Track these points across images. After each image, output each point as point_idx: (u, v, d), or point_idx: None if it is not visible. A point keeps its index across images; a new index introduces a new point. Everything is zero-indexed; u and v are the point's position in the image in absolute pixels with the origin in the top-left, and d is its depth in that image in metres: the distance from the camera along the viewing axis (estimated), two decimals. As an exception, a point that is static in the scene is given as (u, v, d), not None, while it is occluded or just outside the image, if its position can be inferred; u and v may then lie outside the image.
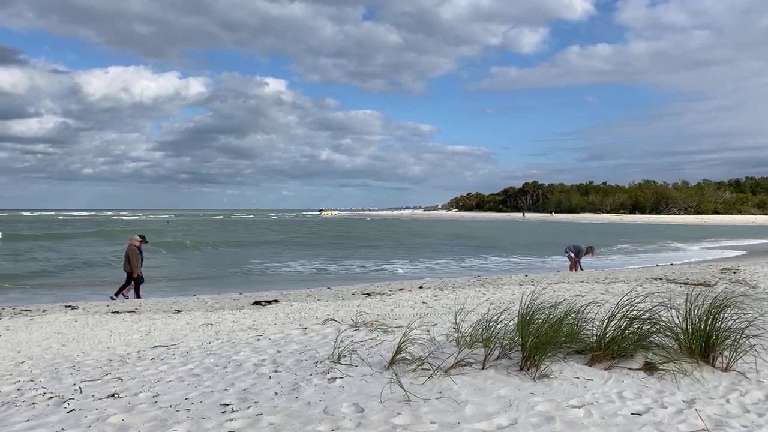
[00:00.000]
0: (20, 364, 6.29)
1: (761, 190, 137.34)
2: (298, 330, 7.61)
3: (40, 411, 4.34)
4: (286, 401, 4.33)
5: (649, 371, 4.86)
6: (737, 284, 11.70)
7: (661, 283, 12.43)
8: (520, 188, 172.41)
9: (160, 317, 9.88)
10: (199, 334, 7.89)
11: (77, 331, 8.58)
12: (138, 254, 15.19)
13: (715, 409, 4.15)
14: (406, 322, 7.76)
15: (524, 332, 5.03)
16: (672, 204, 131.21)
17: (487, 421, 3.87)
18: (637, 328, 5.16)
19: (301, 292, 14.07)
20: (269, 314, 9.81)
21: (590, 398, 4.32)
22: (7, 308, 11.76)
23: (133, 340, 7.66)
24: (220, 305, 11.63)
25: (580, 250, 19.17)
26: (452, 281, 15.82)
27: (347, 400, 4.30)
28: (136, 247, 15.28)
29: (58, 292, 16.69)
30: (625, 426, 3.81)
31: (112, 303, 13.02)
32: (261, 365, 5.54)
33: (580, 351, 5.25)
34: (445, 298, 11.45)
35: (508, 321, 5.47)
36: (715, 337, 5.09)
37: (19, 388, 5.12)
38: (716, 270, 15.55)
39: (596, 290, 11.54)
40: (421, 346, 5.65)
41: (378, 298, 11.79)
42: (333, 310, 10.06)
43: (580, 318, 5.49)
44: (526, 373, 4.85)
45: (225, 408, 4.23)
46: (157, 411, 4.22)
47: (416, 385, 4.59)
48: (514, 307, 5.87)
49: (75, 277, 20.95)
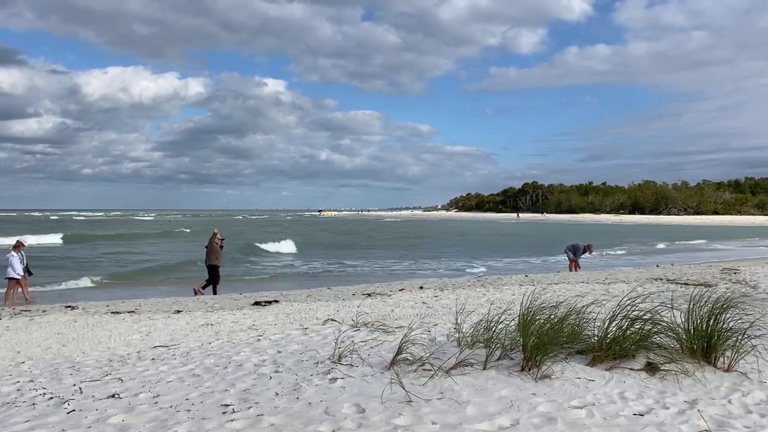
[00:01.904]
0: (20, 364, 6.27)
1: (761, 190, 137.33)
2: (298, 330, 7.59)
3: (40, 411, 4.33)
4: (286, 402, 4.32)
5: (651, 372, 4.85)
6: (738, 285, 11.69)
7: (661, 283, 12.42)
8: (519, 189, 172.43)
9: (160, 317, 9.87)
10: (200, 334, 7.88)
11: (77, 332, 8.56)
12: (220, 245, 15.56)
13: (717, 409, 4.14)
14: (406, 322, 7.75)
15: (525, 332, 5.02)
16: (671, 204, 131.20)
17: (488, 422, 3.86)
18: (638, 329, 5.15)
19: (301, 293, 14.06)
20: (269, 314, 9.80)
21: (592, 399, 4.31)
22: (7, 308, 11.75)
23: (133, 340, 7.65)
24: (221, 305, 11.61)
25: (577, 249, 19.61)
26: (452, 281, 15.81)
27: (348, 401, 4.29)
28: (216, 239, 15.61)
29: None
30: (627, 426, 3.80)
31: (112, 303, 13.00)
32: (261, 365, 5.53)
33: (582, 351, 5.24)
34: (445, 298, 11.44)
35: (509, 321, 5.46)
36: (717, 338, 5.08)
37: (19, 388, 5.11)
38: (716, 270, 15.54)
39: (597, 290, 11.53)
40: (422, 346, 5.64)
41: (378, 299, 11.78)
42: (333, 310, 10.04)
43: (581, 318, 5.47)
44: (527, 373, 4.84)
45: (226, 408, 4.22)
46: (157, 411, 4.21)
47: (417, 385, 4.58)
48: (514, 307, 5.86)
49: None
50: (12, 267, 14.24)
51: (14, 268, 14.23)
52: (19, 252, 14.62)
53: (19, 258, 14.41)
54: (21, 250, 14.75)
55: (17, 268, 14.24)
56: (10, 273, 14.22)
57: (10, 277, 14.19)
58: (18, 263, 14.31)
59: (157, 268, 23.14)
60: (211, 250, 15.29)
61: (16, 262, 14.32)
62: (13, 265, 14.25)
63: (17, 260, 14.35)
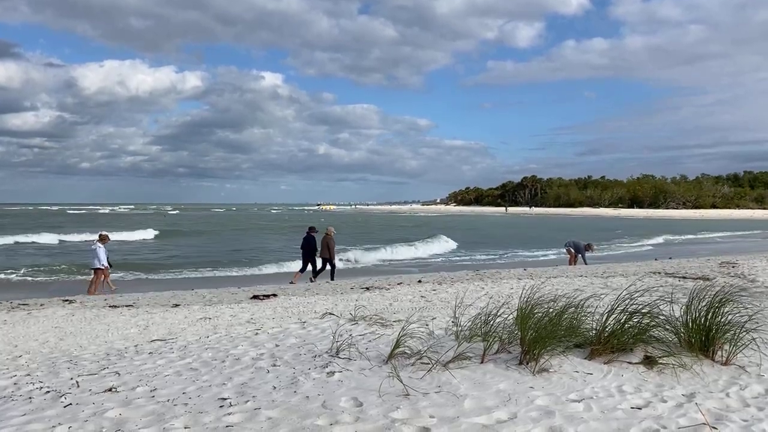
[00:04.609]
0: (17, 358, 6.26)
1: (759, 184, 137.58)
2: (296, 324, 7.59)
3: (37, 405, 4.31)
4: (284, 395, 4.31)
5: (649, 365, 4.84)
6: (736, 278, 11.69)
7: (659, 277, 12.42)
8: (518, 182, 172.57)
9: (158, 311, 9.86)
10: (197, 328, 7.87)
11: (75, 326, 8.55)
12: (335, 243, 17.47)
13: (715, 402, 4.13)
14: (404, 316, 7.74)
15: (523, 326, 5.01)
16: (670, 198, 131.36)
17: (486, 415, 3.85)
18: (636, 322, 5.14)
19: (299, 286, 14.05)
20: (267, 308, 9.79)
21: (590, 392, 4.31)
22: (5, 302, 11.73)
23: (130, 334, 7.64)
24: (219, 299, 11.61)
25: (579, 247, 19.99)
26: (450, 275, 15.81)
27: (346, 394, 4.28)
28: (331, 237, 17.24)
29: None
30: (624, 420, 3.79)
31: (111, 296, 13.00)
32: (259, 359, 5.52)
33: (580, 345, 5.23)
34: (443, 292, 11.43)
35: (507, 315, 5.45)
36: (715, 331, 5.07)
37: (16, 382, 5.10)
38: (715, 264, 15.54)
39: (595, 284, 11.53)
40: (420, 340, 5.63)
41: (376, 292, 11.77)
42: (331, 304, 10.03)
43: (580, 312, 5.47)
44: (525, 367, 4.83)
45: (223, 402, 4.21)
46: (154, 405, 4.20)
47: (415, 379, 4.57)
48: (513, 301, 5.85)
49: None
50: (98, 258, 15.10)
51: (100, 259, 15.10)
52: (104, 244, 15.47)
53: (104, 250, 15.27)
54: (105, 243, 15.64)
55: (102, 259, 15.10)
56: (95, 264, 15.12)
57: (97, 267, 15.11)
58: (103, 254, 15.18)
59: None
60: (324, 246, 17.12)
61: (102, 253, 15.17)
62: (99, 256, 15.11)
63: (103, 252, 15.21)
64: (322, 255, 17.15)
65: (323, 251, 17.14)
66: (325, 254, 17.09)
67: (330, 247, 17.11)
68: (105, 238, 15.84)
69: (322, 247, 17.20)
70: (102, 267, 15.12)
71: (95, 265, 15.12)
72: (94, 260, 15.15)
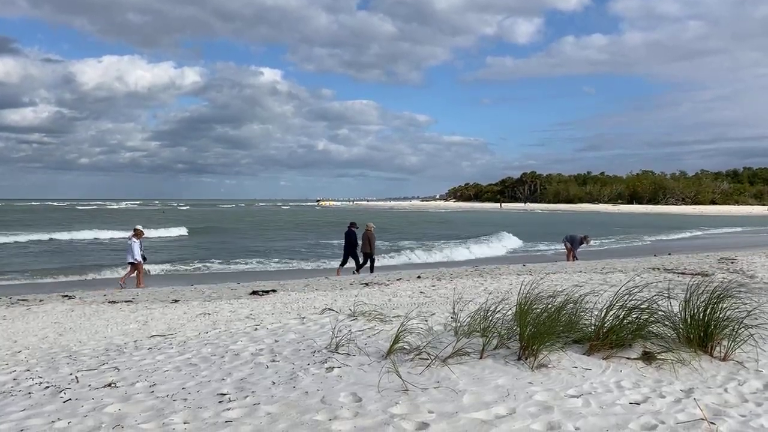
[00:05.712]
0: (17, 353, 6.27)
1: (759, 180, 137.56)
2: (295, 320, 7.59)
3: (36, 401, 4.32)
4: (283, 391, 4.32)
5: (648, 361, 4.85)
6: (735, 274, 11.71)
7: (658, 273, 12.43)
8: (518, 178, 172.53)
9: (158, 307, 9.86)
10: (197, 323, 7.87)
11: (74, 321, 8.55)
12: (375, 237, 18.18)
13: (714, 398, 4.15)
14: (404, 311, 7.74)
15: (522, 322, 5.02)
16: (669, 194, 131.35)
17: (485, 411, 3.86)
18: (635, 318, 5.15)
19: (299, 282, 14.06)
20: (267, 304, 9.79)
21: (588, 387, 4.31)
22: (4, 298, 11.73)
23: (130, 329, 7.64)
24: (218, 295, 11.61)
25: (575, 240, 20.30)
26: (450, 271, 15.82)
27: (345, 390, 4.28)
28: (371, 232, 17.97)
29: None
30: (623, 415, 3.80)
31: (109, 293, 13.00)
32: (258, 355, 5.53)
33: (579, 340, 5.24)
34: (443, 288, 11.44)
35: (506, 311, 5.45)
36: (714, 327, 5.08)
37: (15, 377, 5.10)
38: (713, 260, 15.55)
39: (594, 280, 11.54)
40: (419, 335, 5.64)
41: (376, 288, 11.78)
42: (331, 299, 10.04)
43: (579, 308, 5.47)
44: (524, 362, 4.84)
45: (222, 397, 4.21)
46: (154, 400, 4.20)
47: (414, 374, 4.58)
48: (512, 296, 5.85)
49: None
50: (133, 252, 15.44)
51: (134, 253, 15.43)
52: (138, 239, 15.77)
53: (138, 244, 15.59)
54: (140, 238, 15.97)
55: (137, 253, 15.46)
56: (129, 258, 15.53)
57: (132, 261, 15.50)
58: (138, 249, 15.52)
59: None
60: (365, 241, 17.77)
61: (137, 247, 15.52)
62: (134, 251, 15.44)
63: (137, 246, 15.56)
64: (363, 249, 17.75)
65: (364, 246, 17.74)
66: (366, 249, 17.70)
67: (371, 241, 17.73)
68: (139, 233, 16.07)
69: (363, 241, 17.78)
70: (136, 261, 15.43)
71: (130, 260, 15.52)
72: (129, 255, 15.53)
